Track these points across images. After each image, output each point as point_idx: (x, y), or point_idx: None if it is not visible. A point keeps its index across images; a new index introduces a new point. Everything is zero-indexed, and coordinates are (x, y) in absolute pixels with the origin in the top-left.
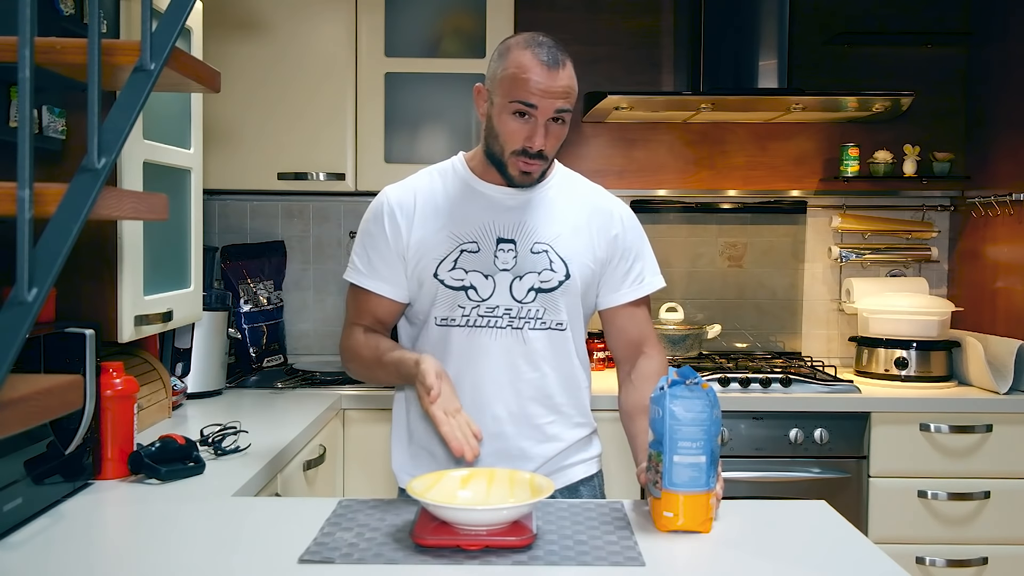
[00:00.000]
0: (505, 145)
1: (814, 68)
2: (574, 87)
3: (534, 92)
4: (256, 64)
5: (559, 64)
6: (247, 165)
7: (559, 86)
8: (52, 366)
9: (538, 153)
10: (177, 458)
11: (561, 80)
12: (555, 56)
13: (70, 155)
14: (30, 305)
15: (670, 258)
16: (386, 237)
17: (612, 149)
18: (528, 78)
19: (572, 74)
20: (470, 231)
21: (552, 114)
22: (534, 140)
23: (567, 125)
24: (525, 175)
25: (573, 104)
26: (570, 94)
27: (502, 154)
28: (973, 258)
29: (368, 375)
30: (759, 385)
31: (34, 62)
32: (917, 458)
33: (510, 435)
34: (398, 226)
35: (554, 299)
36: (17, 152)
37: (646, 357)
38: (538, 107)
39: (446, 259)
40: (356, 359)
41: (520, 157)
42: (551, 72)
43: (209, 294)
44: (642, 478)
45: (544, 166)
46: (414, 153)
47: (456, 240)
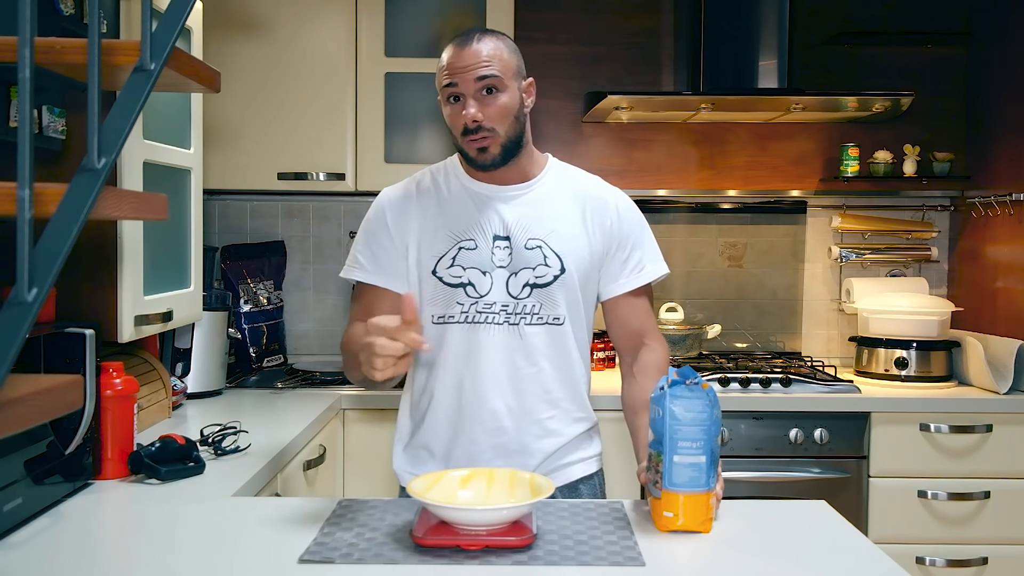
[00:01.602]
0: (454, 134)
1: (814, 68)
2: (500, 56)
3: (450, 71)
4: (256, 64)
5: (471, 39)
6: (247, 165)
7: (472, 55)
8: (52, 366)
9: (477, 127)
10: (177, 458)
11: (475, 50)
12: (469, 36)
13: (70, 155)
14: (30, 305)
15: (670, 258)
16: (389, 233)
17: (612, 149)
18: (443, 64)
19: (496, 46)
20: (467, 229)
21: (475, 85)
22: (466, 116)
23: (506, 94)
24: (481, 152)
25: (504, 72)
26: (492, 61)
27: (459, 143)
28: (973, 258)
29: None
30: (759, 385)
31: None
32: (917, 458)
33: (510, 430)
34: (398, 222)
35: (550, 294)
36: (17, 152)
37: (647, 349)
38: (458, 84)
39: (445, 256)
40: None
41: (467, 137)
42: (462, 49)
43: (209, 294)
44: (642, 477)
45: (498, 140)
46: (414, 153)
47: (454, 238)
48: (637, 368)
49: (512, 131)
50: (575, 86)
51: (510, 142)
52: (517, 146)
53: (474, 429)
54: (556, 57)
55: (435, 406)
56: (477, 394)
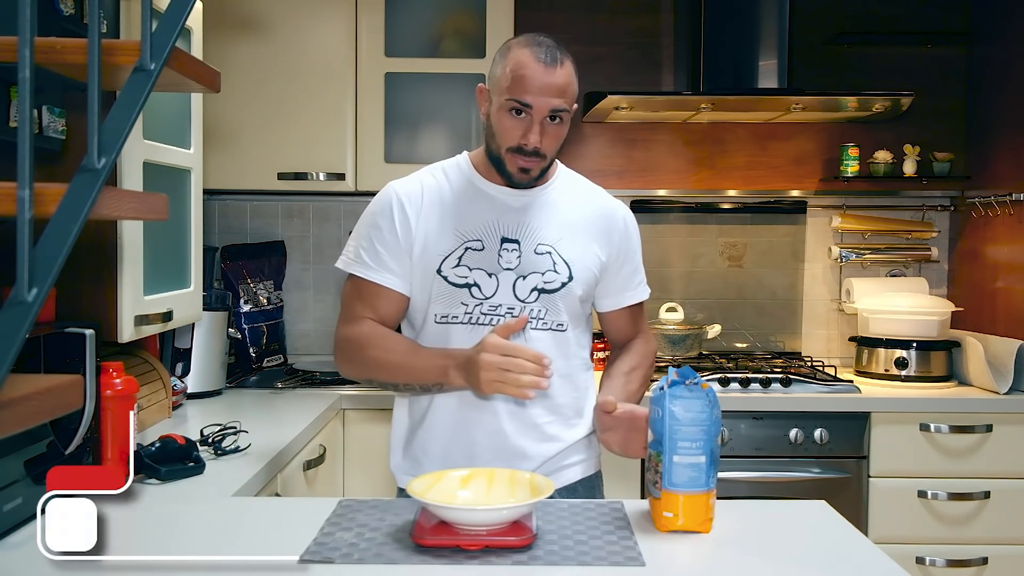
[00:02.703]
0: (502, 143)
1: (814, 68)
2: (572, 87)
3: (529, 90)
4: (256, 64)
5: (556, 63)
6: (247, 165)
7: (555, 84)
8: (52, 366)
9: (534, 151)
10: (177, 458)
11: (557, 79)
12: (553, 55)
13: (70, 155)
14: (30, 305)
15: (670, 258)
16: (395, 229)
17: (612, 149)
18: (524, 75)
19: (571, 73)
20: (474, 229)
21: (547, 112)
22: (529, 137)
23: (565, 125)
24: (523, 172)
25: (571, 104)
26: (567, 93)
27: (499, 152)
28: (973, 258)
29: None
30: (759, 385)
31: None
32: (917, 458)
33: (509, 433)
34: (407, 218)
35: (555, 300)
36: (17, 152)
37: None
38: (533, 105)
39: (451, 256)
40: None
41: (516, 155)
42: (547, 70)
43: (209, 294)
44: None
45: (542, 165)
46: (414, 153)
47: (461, 237)
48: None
49: (555, 155)
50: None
51: (549, 164)
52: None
53: (474, 430)
54: None
55: (435, 407)
56: (478, 396)
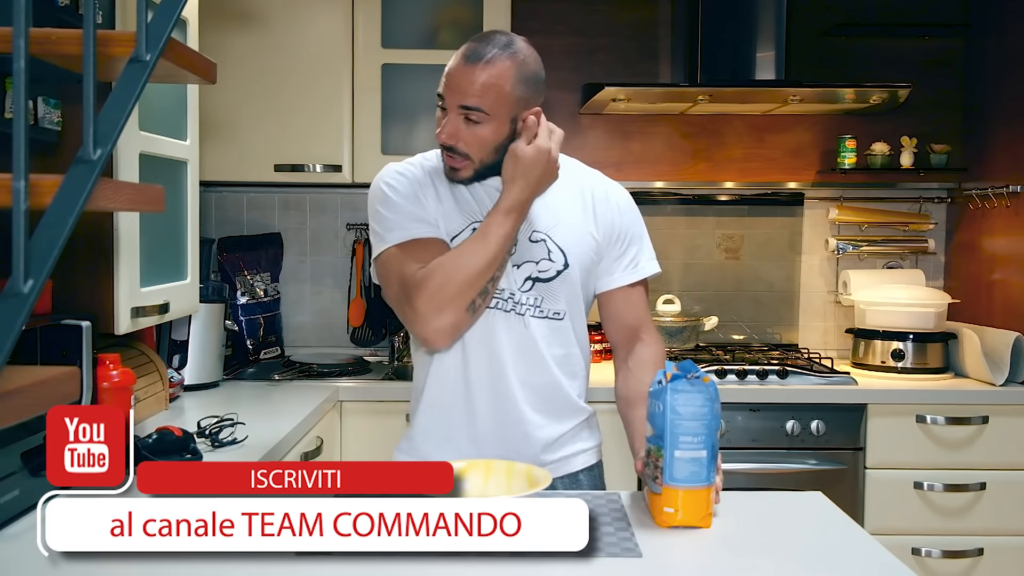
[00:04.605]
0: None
1: (811, 60)
2: (495, 87)
3: (446, 84)
4: (253, 55)
5: (480, 60)
6: (244, 157)
7: (469, 82)
8: (48, 358)
9: (450, 148)
10: (174, 450)
11: (474, 76)
12: (480, 52)
13: (66, 146)
14: (26, 297)
15: (667, 250)
16: (413, 192)
17: (609, 141)
18: (447, 70)
19: (499, 75)
20: (476, 212)
21: (456, 109)
22: (439, 133)
23: (487, 127)
24: (452, 171)
25: (491, 106)
26: (486, 93)
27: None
28: (970, 250)
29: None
30: (756, 377)
31: (29, 53)
32: (913, 449)
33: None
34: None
35: (551, 289)
36: (12, 143)
37: (643, 344)
38: (445, 97)
39: (459, 236)
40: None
41: (445, 152)
42: (466, 67)
43: (206, 286)
44: (639, 466)
45: (472, 166)
46: (411, 145)
47: (468, 218)
48: (633, 362)
49: (490, 159)
50: (572, 78)
51: (485, 168)
52: (493, 171)
53: (478, 409)
54: (553, 49)
55: (440, 391)
56: (486, 375)
